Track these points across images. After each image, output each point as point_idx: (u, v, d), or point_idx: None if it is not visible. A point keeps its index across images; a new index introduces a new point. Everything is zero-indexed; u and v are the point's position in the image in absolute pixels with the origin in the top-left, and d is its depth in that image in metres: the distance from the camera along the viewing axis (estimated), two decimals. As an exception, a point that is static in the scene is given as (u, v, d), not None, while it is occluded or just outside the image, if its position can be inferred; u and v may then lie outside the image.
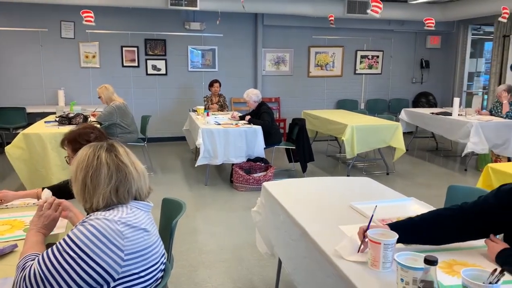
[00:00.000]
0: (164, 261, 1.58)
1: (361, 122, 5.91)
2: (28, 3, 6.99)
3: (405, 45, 9.32)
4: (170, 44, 8.01)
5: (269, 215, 2.56)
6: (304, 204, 2.30)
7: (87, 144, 2.10)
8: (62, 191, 2.22)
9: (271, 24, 8.29)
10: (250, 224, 4.01)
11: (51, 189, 2.30)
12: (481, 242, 1.79)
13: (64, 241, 1.35)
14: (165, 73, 8.09)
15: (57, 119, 5.38)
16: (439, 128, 6.63)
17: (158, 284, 1.53)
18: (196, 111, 6.43)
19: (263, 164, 5.51)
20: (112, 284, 1.36)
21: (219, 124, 5.55)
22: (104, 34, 7.69)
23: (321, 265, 1.75)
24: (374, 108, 9.11)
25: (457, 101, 6.43)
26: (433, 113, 6.79)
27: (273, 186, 2.63)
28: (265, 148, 5.39)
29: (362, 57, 9.11)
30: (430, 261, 1.24)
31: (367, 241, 1.58)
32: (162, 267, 1.55)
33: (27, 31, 7.38)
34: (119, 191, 1.46)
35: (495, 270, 1.28)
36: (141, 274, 1.43)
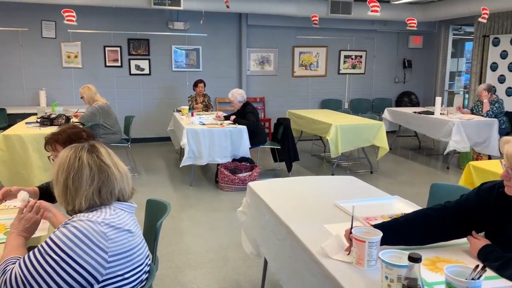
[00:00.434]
0: (148, 263, 1.56)
1: (345, 121, 5.95)
2: (7, 2, 6.85)
3: (388, 45, 9.42)
4: (153, 44, 7.95)
5: (255, 215, 2.56)
6: (289, 203, 2.30)
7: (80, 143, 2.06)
8: (48, 194, 2.16)
9: (255, 24, 8.30)
10: (235, 224, 4.00)
11: (39, 191, 2.24)
12: (463, 239, 1.81)
13: (46, 243, 1.33)
14: (148, 73, 8.03)
15: (39, 120, 5.29)
16: (421, 127, 6.72)
17: (143, 285, 1.52)
18: (180, 111, 6.39)
19: (248, 164, 5.51)
20: (95, 286, 1.34)
21: (204, 124, 5.53)
22: (86, 33, 7.59)
23: (306, 264, 1.76)
24: (357, 107, 9.18)
25: (439, 100, 6.53)
26: (415, 112, 6.87)
27: (258, 185, 2.63)
28: (250, 148, 5.39)
29: (345, 57, 9.17)
30: (414, 259, 1.25)
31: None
32: (146, 268, 1.54)
33: (6, 31, 7.24)
34: (102, 192, 1.45)
35: (477, 266, 1.30)
36: (125, 276, 1.41)
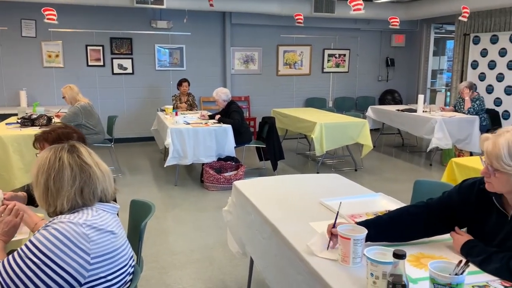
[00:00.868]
0: (132, 264, 1.54)
1: (329, 120, 5.98)
2: (-15, 0, 6.72)
3: (371, 44, 9.50)
4: (136, 42, 7.87)
5: (240, 214, 2.55)
6: (274, 202, 2.30)
7: None
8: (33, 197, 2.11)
9: (239, 22, 8.28)
10: (221, 223, 3.99)
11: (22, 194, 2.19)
12: (447, 235, 1.84)
13: (26, 246, 1.30)
14: (131, 72, 7.95)
15: (19, 121, 5.19)
16: (404, 124, 6.79)
17: (127, 287, 1.50)
18: (164, 110, 6.34)
19: (233, 163, 5.49)
20: None
21: (188, 123, 5.49)
22: (67, 32, 7.47)
23: (292, 262, 1.75)
24: (341, 106, 9.24)
25: (421, 98, 6.61)
26: (398, 110, 6.95)
27: (243, 185, 2.62)
28: (235, 147, 5.38)
29: (329, 55, 9.22)
30: (398, 255, 1.26)
31: (336, 238, 1.60)
32: (130, 270, 1.52)
33: (-15, 30, 7.09)
34: (84, 192, 1.43)
35: (460, 261, 1.31)
36: (108, 277, 1.39)
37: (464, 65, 8.15)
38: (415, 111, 6.63)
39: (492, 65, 7.51)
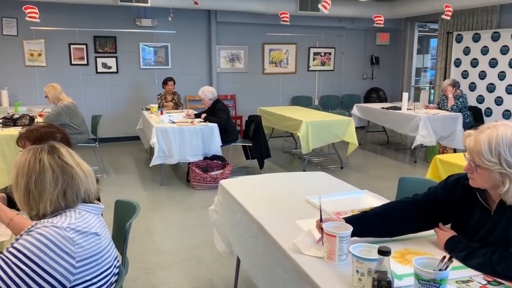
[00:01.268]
0: (117, 265, 1.53)
1: (315, 118, 6.00)
2: (-36, -2, 6.57)
3: (356, 42, 9.55)
4: (120, 41, 7.79)
5: (227, 213, 2.54)
6: (261, 200, 2.30)
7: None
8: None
9: (225, 21, 8.25)
10: (207, 223, 3.97)
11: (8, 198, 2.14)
12: (431, 231, 1.86)
13: (10, 253, 1.27)
14: (116, 71, 7.86)
15: (1, 121, 5.10)
16: (389, 122, 6.85)
17: None
18: (149, 109, 6.29)
19: (220, 162, 5.48)
20: None
21: (174, 122, 5.46)
22: (50, 31, 7.36)
23: (278, 260, 1.75)
24: (327, 104, 9.28)
25: (405, 96, 6.67)
26: (383, 108, 7.00)
27: (230, 183, 2.61)
28: (221, 145, 5.36)
29: (315, 54, 9.25)
30: (383, 252, 1.27)
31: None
32: (115, 270, 1.50)
33: (-36, 28, 6.95)
34: (67, 194, 1.40)
35: (444, 257, 1.33)
36: (94, 280, 1.37)
37: (447, 63, 8.25)
38: (400, 109, 6.69)
39: (474, 63, 7.62)
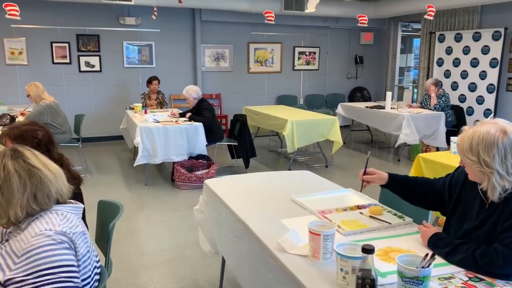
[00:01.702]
0: (98, 265, 1.51)
1: (300, 117, 6.02)
2: None
3: (340, 42, 9.61)
4: (104, 39, 7.70)
5: (212, 213, 2.53)
6: (246, 200, 2.30)
7: (34, 142, 1.96)
8: None
9: (209, 19, 8.22)
10: (193, 223, 3.95)
11: None
12: (414, 228, 1.88)
13: (30, 274, 1.24)
14: (99, 69, 7.76)
15: (-20, 120, 4.99)
16: (373, 121, 6.91)
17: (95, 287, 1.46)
18: (133, 108, 6.23)
19: (205, 161, 5.45)
20: None
21: (158, 121, 5.42)
22: (31, 29, 7.23)
23: (263, 259, 1.75)
24: (312, 103, 9.32)
25: (389, 95, 6.74)
26: (367, 107, 7.06)
27: (214, 183, 2.60)
28: (207, 145, 5.34)
29: (300, 53, 9.28)
30: (367, 250, 1.27)
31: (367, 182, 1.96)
32: (98, 270, 1.49)
33: None
34: (38, 197, 1.36)
35: (427, 255, 1.34)
36: (85, 282, 1.37)
37: (430, 62, 8.36)
38: (383, 108, 6.75)
39: (456, 63, 7.74)
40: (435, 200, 1.88)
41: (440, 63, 8.09)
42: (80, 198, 2.11)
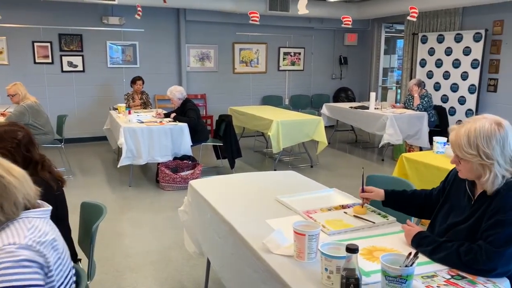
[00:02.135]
0: (71, 267, 1.46)
1: (285, 117, 6.03)
2: None
3: (325, 43, 9.66)
4: (87, 39, 7.60)
5: (196, 214, 2.52)
6: (231, 200, 2.29)
7: (13, 143, 1.89)
8: None
9: (194, 19, 8.19)
10: (178, 224, 3.93)
11: None
12: (398, 227, 1.90)
13: None
14: (82, 70, 7.67)
15: (-41, 121, 4.88)
16: (357, 121, 6.97)
17: None
18: (117, 109, 6.17)
19: (190, 162, 5.43)
20: None
21: (142, 122, 5.37)
22: (12, 28, 7.10)
23: (248, 260, 1.75)
24: (297, 103, 9.36)
25: (373, 95, 6.80)
26: (351, 107, 7.11)
27: (199, 184, 2.59)
28: (192, 145, 5.31)
29: (285, 54, 9.30)
30: (351, 249, 1.28)
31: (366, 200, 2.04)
32: (73, 271, 1.45)
33: None
34: (5, 207, 1.26)
35: (410, 253, 1.36)
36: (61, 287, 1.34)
37: (413, 63, 8.46)
38: (367, 108, 6.81)
39: (439, 64, 7.85)
40: (432, 210, 1.90)
41: (423, 64, 8.19)
42: (62, 200, 2.08)
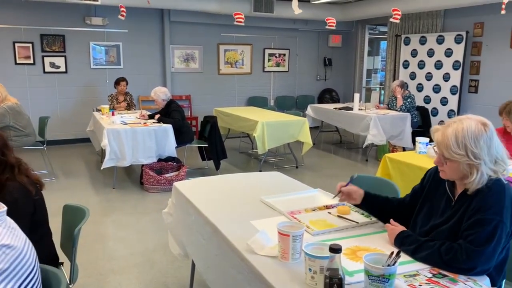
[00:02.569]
0: (37, 268, 1.42)
1: (271, 118, 6.04)
2: None
3: (310, 44, 9.72)
4: (69, 40, 7.50)
5: (181, 216, 2.51)
6: (215, 202, 2.28)
7: None
8: None
9: (178, 20, 8.15)
10: (162, 226, 3.90)
11: None
12: (381, 227, 1.91)
13: None
14: (65, 71, 7.56)
15: None
16: (342, 122, 7.02)
17: None
18: (100, 110, 6.10)
19: (175, 163, 5.40)
20: None
21: (126, 123, 5.32)
22: (-8, 28, 6.98)
23: (232, 261, 1.75)
24: (282, 104, 9.38)
25: (357, 96, 6.86)
26: (336, 108, 7.16)
27: (184, 185, 2.57)
28: (176, 147, 5.28)
29: (270, 55, 9.32)
30: (334, 249, 1.29)
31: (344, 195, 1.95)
32: (38, 273, 1.39)
33: None
34: None
35: (392, 253, 1.37)
36: None
37: (396, 64, 8.56)
38: (352, 109, 6.86)
39: (421, 65, 7.96)
40: (405, 217, 1.89)
41: (405, 65, 8.29)
42: (42, 203, 2.04)
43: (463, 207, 1.62)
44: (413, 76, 8.14)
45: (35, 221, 1.97)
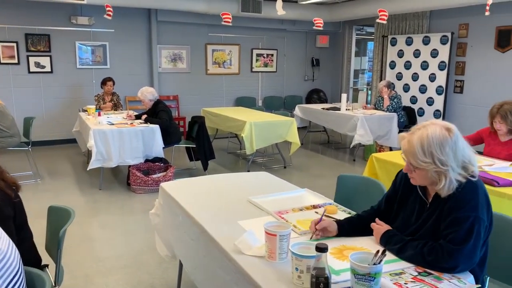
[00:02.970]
0: (21, 271, 1.40)
1: (259, 118, 6.05)
2: None
3: (297, 44, 9.74)
4: (55, 39, 7.42)
5: (168, 216, 2.49)
6: (203, 202, 2.28)
7: None
8: None
9: (166, 20, 8.11)
10: (149, 227, 3.87)
11: None
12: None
13: None
14: (50, 70, 7.47)
15: None
16: (329, 122, 7.05)
17: None
18: (86, 111, 6.04)
19: (162, 164, 5.37)
20: None
21: (112, 124, 5.28)
22: (-25, 27, 6.87)
23: (220, 262, 1.74)
24: (270, 104, 9.40)
25: (344, 96, 6.90)
26: (323, 109, 7.19)
27: (171, 186, 2.56)
28: (164, 147, 5.25)
29: (257, 55, 9.33)
30: (320, 249, 1.29)
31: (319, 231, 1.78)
32: (22, 277, 1.38)
33: None
34: None
35: (378, 251, 1.38)
36: None
37: (383, 65, 8.63)
38: (339, 109, 6.90)
39: (408, 65, 8.03)
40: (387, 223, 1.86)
41: (392, 65, 8.36)
42: (21, 206, 1.99)
43: (438, 208, 1.63)
44: (399, 76, 8.22)
45: (16, 224, 1.94)
